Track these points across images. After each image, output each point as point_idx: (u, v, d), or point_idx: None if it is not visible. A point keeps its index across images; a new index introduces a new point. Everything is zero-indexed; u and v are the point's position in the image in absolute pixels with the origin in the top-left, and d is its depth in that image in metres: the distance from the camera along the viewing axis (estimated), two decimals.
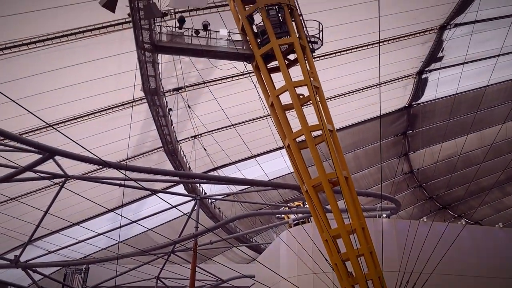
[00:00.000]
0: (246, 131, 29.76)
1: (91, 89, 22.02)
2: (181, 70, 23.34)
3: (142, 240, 35.36)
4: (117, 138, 25.53)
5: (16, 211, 26.75)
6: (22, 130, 22.03)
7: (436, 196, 49.03)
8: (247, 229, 40.13)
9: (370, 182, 42.94)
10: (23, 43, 18.16)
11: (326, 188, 16.08)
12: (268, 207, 39.37)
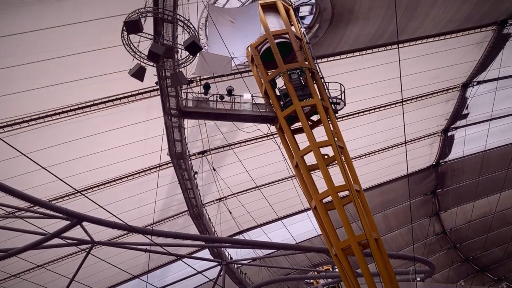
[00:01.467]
0: (271, 192, 29.58)
1: (120, 155, 22.52)
2: (206, 133, 23.77)
3: None
4: (143, 202, 25.68)
5: (43, 278, 26.64)
6: (51, 196, 22.45)
7: (473, 257, 46.76)
8: None
9: (402, 243, 41.42)
10: (55, 113, 18.95)
11: (356, 251, 15.57)
12: (296, 272, 38.09)
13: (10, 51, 16.09)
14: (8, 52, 16.07)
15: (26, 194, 14.26)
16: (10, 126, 18.21)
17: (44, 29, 16.01)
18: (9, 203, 18.68)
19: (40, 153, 19.12)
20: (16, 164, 18.86)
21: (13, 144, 10.65)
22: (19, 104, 17.82)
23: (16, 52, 16.21)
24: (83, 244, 18.29)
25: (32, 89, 17.58)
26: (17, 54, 16.29)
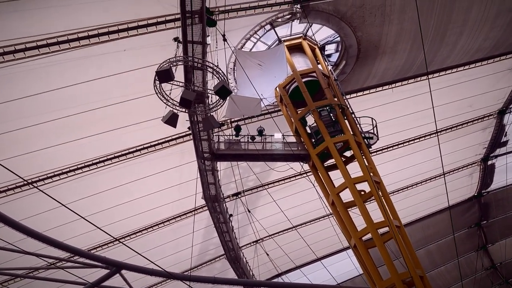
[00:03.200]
0: (308, 232, 29.02)
1: (156, 201, 22.76)
2: (239, 175, 23.82)
3: None
4: (180, 248, 25.64)
5: None
6: (91, 245, 22.74)
7: None
8: None
9: (449, 280, 39.41)
10: (92, 163, 19.50)
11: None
12: None
13: (50, 107, 16.84)
14: (50, 107, 16.83)
15: (66, 245, 14.50)
16: (50, 178, 18.81)
17: (80, 83, 16.78)
18: (50, 254, 19.01)
19: (79, 202, 19.54)
20: (57, 214, 19.33)
21: (53, 195, 10.97)
22: (58, 156, 18.44)
23: (55, 106, 16.96)
24: None
25: (70, 141, 18.20)
26: (56, 108, 17.02)
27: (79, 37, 15.38)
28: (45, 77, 16.04)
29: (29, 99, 16.12)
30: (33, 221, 18.33)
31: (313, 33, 20.42)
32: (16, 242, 14.98)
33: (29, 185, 18.18)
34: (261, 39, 20.28)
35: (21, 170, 15.86)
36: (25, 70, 15.29)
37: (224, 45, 16.71)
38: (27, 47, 14.77)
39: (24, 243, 15.12)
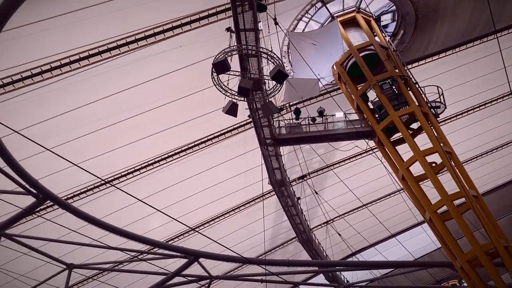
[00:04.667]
0: (379, 209, 28.47)
1: (224, 190, 23.29)
2: (303, 158, 23.76)
3: None
4: (252, 233, 26.15)
5: None
6: (167, 237, 23.77)
7: None
8: None
9: None
10: (162, 158, 20.27)
11: (484, 262, 14.29)
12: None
13: (119, 108, 17.68)
14: (118, 108, 17.68)
15: (146, 238, 15.30)
16: (124, 176, 19.80)
17: (142, 83, 17.46)
18: (132, 247, 20.14)
19: (154, 196, 20.43)
20: (135, 209, 20.38)
21: (130, 191, 11.58)
22: (130, 155, 19.35)
23: (123, 107, 17.78)
24: (203, 280, 19.00)
25: (139, 139, 19.03)
26: (125, 109, 17.84)
27: (136, 39, 15.96)
28: (109, 81, 16.84)
29: (99, 103, 16.99)
30: (114, 218, 19.46)
31: (366, 5, 19.77)
32: (100, 238, 16.00)
33: (107, 184, 19.27)
34: (313, 18, 19.91)
35: (99, 171, 16.85)
36: (92, 75, 16.13)
37: (276, 29, 16.60)
38: (90, 54, 15.57)
39: (108, 239, 16.11)
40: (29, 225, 18.68)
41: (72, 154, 16.00)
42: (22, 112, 15.72)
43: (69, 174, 17.73)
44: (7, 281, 19.63)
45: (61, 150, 15.39)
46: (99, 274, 23.41)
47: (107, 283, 22.43)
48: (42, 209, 17.80)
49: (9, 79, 14.74)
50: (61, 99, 16.43)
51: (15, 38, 13.88)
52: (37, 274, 19.40)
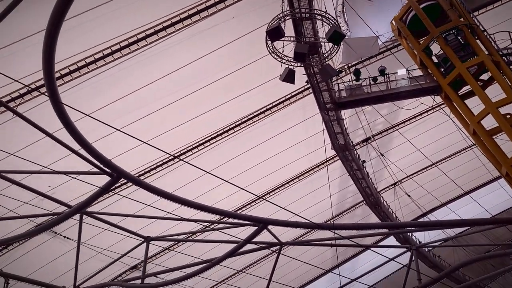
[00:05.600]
0: (450, 167, 27.41)
1: (287, 158, 23.39)
2: (366, 120, 23.23)
3: None
4: (319, 199, 26.20)
5: (244, 282, 29.06)
6: (236, 206, 24.41)
7: None
8: (477, 275, 35.42)
9: None
10: (224, 131, 20.61)
11: None
12: (498, 248, 34.40)
13: (177, 85, 18.11)
14: (177, 86, 18.12)
15: (215, 208, 15.69)
16: (190, 150, 20.42)
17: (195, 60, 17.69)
18: (203, 218, 20.90)
19: (220, 168, 20.93)
20: (203, 182, 21.06)
21: (197, 164, 11.92)
22: (194, 130, 19.87)
23: (181, 84, 18.19)
24: (273, 246, 19.36)
25: (201, 114, 19.44)
26: (183, 86, 18.25)
27: (189, 14, 16.10)
28: (168, 59, 17.22)
29: (160, 81, 17.48)
30: (184, 191, 20.26)
31: None
32: (173, 211, 16.70)
33: (175, 159, 19.99)
34: None
35: (166, 147, 17.46)
36: (151, 54, 16.57)
37: None
38: (147, 34, 15.95)
39: (180, 211, 16.78)
40: (107, 202, 19.90)
41: (140, 132, 16.66)
42: (90, 97, 16.54)
43: (139, 152, 18.57)
44: (92, 255, 21.17)
45: (129, 129, 16.11)
46: (175, 245, 24.65)
47: (182, 252, 23.54)
48: (117, 187, 18.84)
49: (75, 66, 15.49)
50: (124, 82, 17.07)
51: (75, 26, 14.50)
52: (118, 248, 20.75)
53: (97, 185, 12.25)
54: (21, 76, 14.15)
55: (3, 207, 17.01)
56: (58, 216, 14.00)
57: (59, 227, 19.10)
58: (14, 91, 14.90)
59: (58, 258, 21.42)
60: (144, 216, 19.54)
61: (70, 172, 14.90)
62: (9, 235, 16.28)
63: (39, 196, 17.33)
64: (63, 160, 16.72)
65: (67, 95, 15.14)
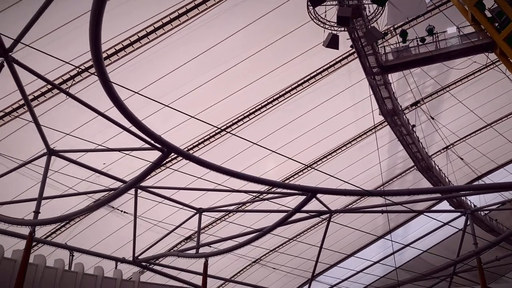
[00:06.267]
0: (506, 128, 26.17)
1: (334, 125, 23.12)
2: (415, 83, 22.44)
3: (417, 264, 33.97)
4: (367, 166, 25.87)
5: (295, 250, 29.48)
6: (284, 176, 24.55)
7: None
8: None
9: None
10: (267, 102, 20.57)
11: None
12: None
13: (221, 58, 18.17)
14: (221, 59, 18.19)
15: (264, 179, 15.91)
16: (236, 123, 20.59)
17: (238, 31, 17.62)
18: (252, 189, 21.22)
19: (267, 139, 21.02)
20: (251, 153, 21.29)
21: (243, 136, 12.05)
22: (238, 102, 19.96)
23: (224, 57, 18.23)
24: (323, 215, 19.47)
25: (247, 85, 19.44)
26: (227, 59, 18.29)
27: None
28: (210, 33, 17.24)
29: (204, 55, 17.59)
30: (233, 163, 20.57)
31: None
32: (223, 182, 17.11)
33: (222, 132, 20.27)
34: None
35: (214, 120, 17.70)
36: (194, 28, 16.64)
37: None
38: (187, 9, 16.00)
39: (230, 183, 17.14)
40: (159, 177, 20.59)
41: (187, 107, 16.92)
42: (137, 75, 16.92)
43: (187, 126, 18.97)
44: (148, 228, 22.10)
45: (177, 105, 16.45)
46: (226, 216, 25.26)
47: (234, 222, 24.11)
48: (168, 161, 19.42)
49: (120, 46, 15.83)
50: (169, 58, 17.30)
51: (117, 6, 14.76)
52: (173, 220, 21.53)
53: (149, 160, 12.69)
54: (71, 58, 14.63)
55: (63, 185, 17.97)
56: (114, 192, 14.68)
57: (115, 202, 19.96)
58: (65, 74, 15.46)
59: (116, 232, 22.53)
60: (195, 189, 20.11)
61: (123, 149, 15.48)
62: (70, 211, 17.20)
63: (95, 173, 18.22)
64: (116, 137, 17.37)
65: (115, 74, 15.56)
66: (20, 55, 11.42)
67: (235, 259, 28.08)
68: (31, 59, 12.05)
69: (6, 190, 17.38)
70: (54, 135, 15.22)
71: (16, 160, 15.83)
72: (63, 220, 18.54)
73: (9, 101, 15.43)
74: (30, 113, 13.17)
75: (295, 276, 31.84)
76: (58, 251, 19.90)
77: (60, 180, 17.63)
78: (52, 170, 15.74)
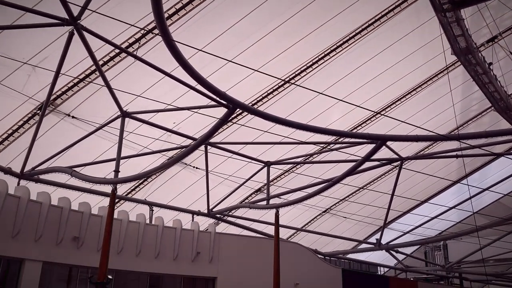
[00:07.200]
0: None
1: (401, 70, 22.10)
2: (491, 16, 20.64)
3: (496, 209, 32.73)
4: (439, 110, 24.74)
5: (366, 199, 29.38)
6: (351, 126, 24.12)
7: None
8: None
9: None
10: (330, 50, 19.95)
11: None
12: None
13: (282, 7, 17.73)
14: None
15: (331, 129, 15.80)
16: (299, 74, 20.28)
17: None
18: (319, 140, 21.13)
19: (331, 89, 20.57)
20: (315, 104, 21.06)
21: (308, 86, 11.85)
22: (300, 52, 19.55)
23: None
24: (394, 162, 19.09)
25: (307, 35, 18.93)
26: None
27: None
28: None
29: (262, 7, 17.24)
30: (298, 114, 20.49)
31: None
32: (290, 135, 17.17)
33: (285, 84, 20.12)
34: None
35: (277, 72, 17.54)
36: None
37: None
38: None
39: (296, 135, 17.18)
40: (227, 132, 21.02)
41: (250, 61, 16.84)
42: (199, 33, 16.98)
43: (251, 81, 19.01)
44: (219, 182, 22.91)
45: (240, 59, 16.41)
46: (294, 168, 25.51)
47: (302, 174, 24.33)
48: (235, 117, 19.70)
49: (180, 4, 15.88)
50: (228, 13, 17.13)
51: None
52: (242, 173, 22.13)
53: (216, 117, 12.97)
54: (135, 21, 14.94)
55: (138, 145, 18.94)
56: (185, 149, 15.27)
57: (187, 158, 20.78)
58: (130, 37, 15.87)
59: (190, 186, 23.61)
60: (262, 143, 20.41)
61: (191, 108, 15.92)
62: (146, 170, 18.18)
63: (167, 132, 18.98)
64: (183, 97, 17.82)
65: (178, 34, 15.73)
66: (86, 23, 11.86)
67: (305, 210, 28.56)
68: (97, 25, 12.46)
69: (88, 153, 18.63)
70: (126, 98, 15.89)
71: (93, 123, 16.82)
72: (141, 177, 19.65)
73: (81, 68, 16.21)
74: (102, 78, 13.80)
75: (367, 224, 31.91)
76: (139, 207, 21.30)
77: (134, 140, 18.58)
78: (127, 131, 16.58)
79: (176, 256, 20.16)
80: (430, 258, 38.67)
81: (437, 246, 38.46)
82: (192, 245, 20.76)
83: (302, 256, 24.61)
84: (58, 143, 16.98)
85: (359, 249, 31.85)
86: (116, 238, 17.79)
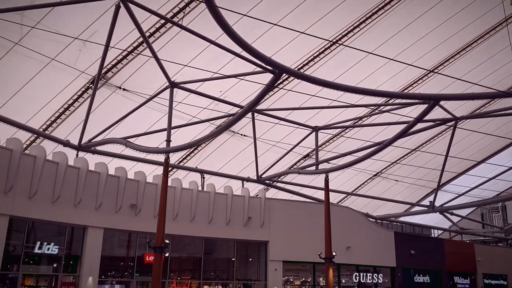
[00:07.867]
0: None
1: (455, 26, 20.86)
2: None
3: None
4: (498, 65, 23.42)
5: (419, 161, 28.59)
6: (401, 86, 23.29)
7: None
8: None
9: None
10: (360, 22, 19.11)
11: None
12: None
13: None
14: None
15: (381, 91, 15.33)
16: (346, 35, 19.62)
17: None
18: (369, 102, 20.56)
19: (380, 48, 19.78)
20: (364, 65, 20.45)
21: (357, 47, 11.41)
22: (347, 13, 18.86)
23: None
24: (448, 122, 18.31)
25: None
26: None
27: None
28: None
29: None
30: (347, 76, 20.02)
31: None
32: (338, 98, 16.78)
33: (331, 47, 19.59)
34: None
35: (322, 34, 17.04)
36: None
37: None
38: None
39: (345, 98, 16.75)
40: (274, 98, 20.89)
41: (294, 24, 16.42)
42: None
43: (296, 44, 18.64)
44: (268, 148, 22.95)
45: (284, 22, 16.05)
46: (343, 132, 25.11)
47: (352, 137, 23.92)
48: (281, 82, 19.48)
49: None
50: None
51: None
52: (290, 139, 22.02)
53: (262, 83, 12.85)
54: None
55: (187, 114, 19.23)
56: (233, 117, 15.30)
57: (235, 126, 20.90)
58: (174, 7, 15.88)
59: (239, 154, 23.87)
60: (310, 108, 20.15)
61: (236, 75, 15.86)
62: (196, 138, 18.48)
63: (214, 101, 19.11)
64: (228, 64, 17.80)
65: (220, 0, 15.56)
66: None
67: (355, 174, 28.24)
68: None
69: (139, 123, 19.18)
70: (172, 68, 16.05)
71: (143, 95, 17.20)
72: (192, 146, 20.02)
73: (129, 41, 16.47)
74: (150, 49, 13.96)
75: (419, 186, 31.18)
76: (191, 175, 21.85)
77: (183, 110, 18.86)
78: (176, 101, 16.82)
79: (228, 221, 20.72)
80: (488, 220, 37.45)
81: (495, 207, 37.12)
82: (243, 210, 21.23)
83: (353, 219, 24.56)
84: (111, 115, 17.55)
85: (412, 211, 31.28)
86: (171, 204, 18.49)
